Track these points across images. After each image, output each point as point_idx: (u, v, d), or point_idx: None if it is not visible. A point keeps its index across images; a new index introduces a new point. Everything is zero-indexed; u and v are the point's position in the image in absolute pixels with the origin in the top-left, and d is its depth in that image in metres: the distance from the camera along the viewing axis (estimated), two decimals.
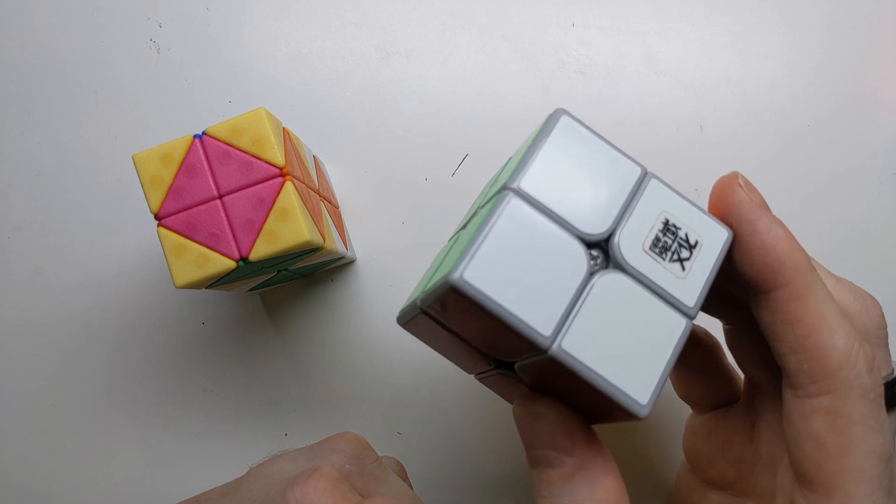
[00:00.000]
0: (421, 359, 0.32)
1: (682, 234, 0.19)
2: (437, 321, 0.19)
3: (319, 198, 0.29)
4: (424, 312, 0.19)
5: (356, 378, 0.32)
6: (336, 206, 0.33)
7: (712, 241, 0.19)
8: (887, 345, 0.21)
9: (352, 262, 0.33)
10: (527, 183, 0.18)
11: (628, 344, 0.18)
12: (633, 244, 0.18)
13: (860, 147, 0.33)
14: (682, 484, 0.26)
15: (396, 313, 0.21)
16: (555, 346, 0.17)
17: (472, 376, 0.24)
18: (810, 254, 0.20)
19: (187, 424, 0.33)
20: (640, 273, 0.18)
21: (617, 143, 0.20)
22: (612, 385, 0.17)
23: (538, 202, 0.18)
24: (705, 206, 0.20)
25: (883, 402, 0.19)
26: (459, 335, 0.20)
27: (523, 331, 0.17)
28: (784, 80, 0.34)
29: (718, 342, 0.25)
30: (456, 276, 0.16)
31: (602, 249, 0.18)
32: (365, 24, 0.35)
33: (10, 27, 0.36)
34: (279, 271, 0.29)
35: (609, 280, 0.18)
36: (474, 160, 0.33)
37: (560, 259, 0.17)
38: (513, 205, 0.17)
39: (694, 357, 0.25)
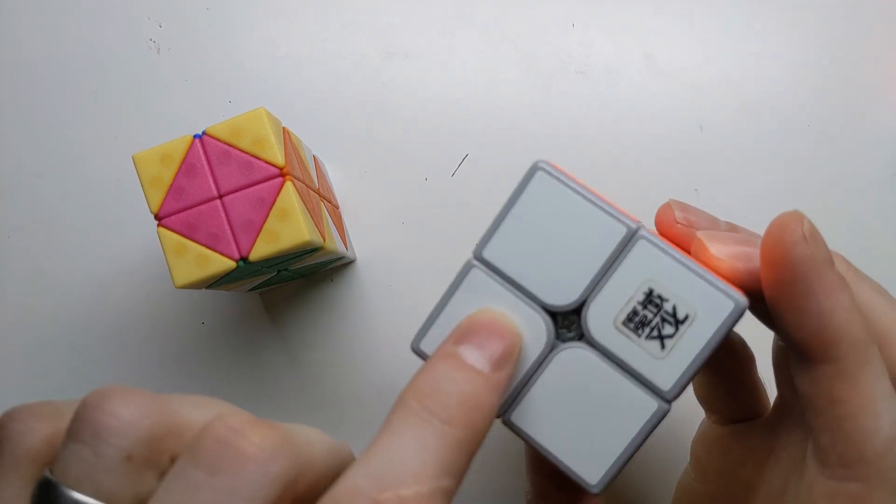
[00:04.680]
0: (421, 359, 0.32)
1: (668, 306, 0.17)
2: None
3: (319, 198, 0.29)
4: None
5: (356, 378, 0.32)
6: (336, 206, 0.33)
7: (711, 313, 0.17)
8: None
9: (352, 262, 0.33)
10: (490, 252, 0.17)
11: (587, 422, 0.17)
12: (604, 317, 0.17)
13: (860, 147, 0.33)
14: (683, 493, 0.25)
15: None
16: (504, 416, 0.18)
17: None
18: None
19: None
20: (608, 350, 0.17)
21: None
22: (557, 459, 0.18)
23: (502, 272, 0.17)
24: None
25: None
26: None
27: None
28: (784, 80, 0.34)
29: (753, 355, 0.24)
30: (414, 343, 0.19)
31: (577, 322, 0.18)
32: (365, 25, 0.35)
33: (10, 27, 0.36)
34: (279, 271, 0.29)
35: (570, 355, 0.17)
36: (474, 160, 0.33)
37: (525, 331, 0.17)
38: (472, 276, 0.18)
39: (725, 365, 0.23)
